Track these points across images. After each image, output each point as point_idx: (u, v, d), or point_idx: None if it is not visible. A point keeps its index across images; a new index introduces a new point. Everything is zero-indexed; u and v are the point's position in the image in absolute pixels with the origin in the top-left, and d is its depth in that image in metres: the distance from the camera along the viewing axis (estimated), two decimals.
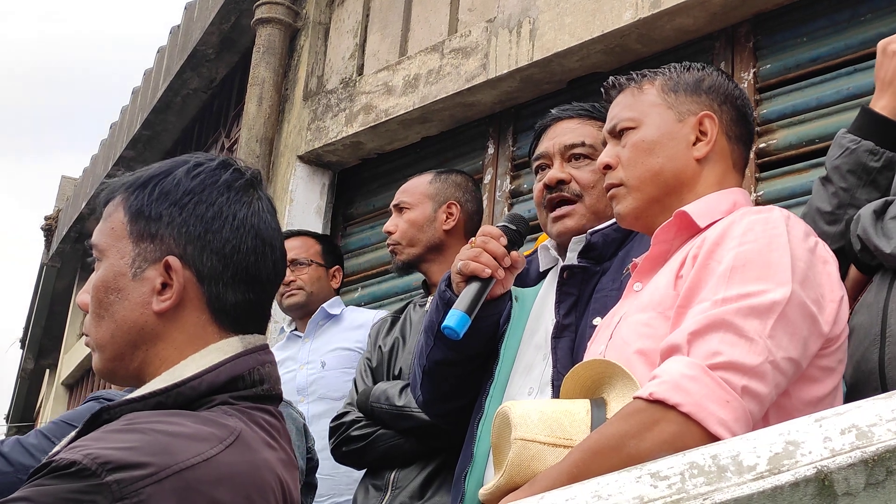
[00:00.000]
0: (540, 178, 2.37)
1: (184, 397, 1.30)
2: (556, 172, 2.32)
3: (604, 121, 2.32)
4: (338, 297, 3.85)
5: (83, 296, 1.41)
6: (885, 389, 1.77)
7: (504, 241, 2.19)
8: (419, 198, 3.10)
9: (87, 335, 1.40)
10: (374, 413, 2.83)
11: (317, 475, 3.14)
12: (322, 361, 3.59)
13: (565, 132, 2.36)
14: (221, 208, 1.38)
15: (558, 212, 2.30)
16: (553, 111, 2.44)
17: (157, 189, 1.38)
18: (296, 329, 3.82)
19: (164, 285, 1.35)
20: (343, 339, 3.61)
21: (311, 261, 3.77)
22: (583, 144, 2.32)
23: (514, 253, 2.21)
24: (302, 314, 3.77)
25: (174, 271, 1.35)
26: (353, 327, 3.64)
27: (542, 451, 1.62)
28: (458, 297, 2.15)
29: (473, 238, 2.22)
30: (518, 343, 2.27)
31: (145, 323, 1.35)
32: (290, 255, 3.66)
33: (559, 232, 2.31)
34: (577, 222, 2.28)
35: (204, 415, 1.28)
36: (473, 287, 2.14)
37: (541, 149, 2.39)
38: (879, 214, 1.91)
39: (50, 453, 1.21)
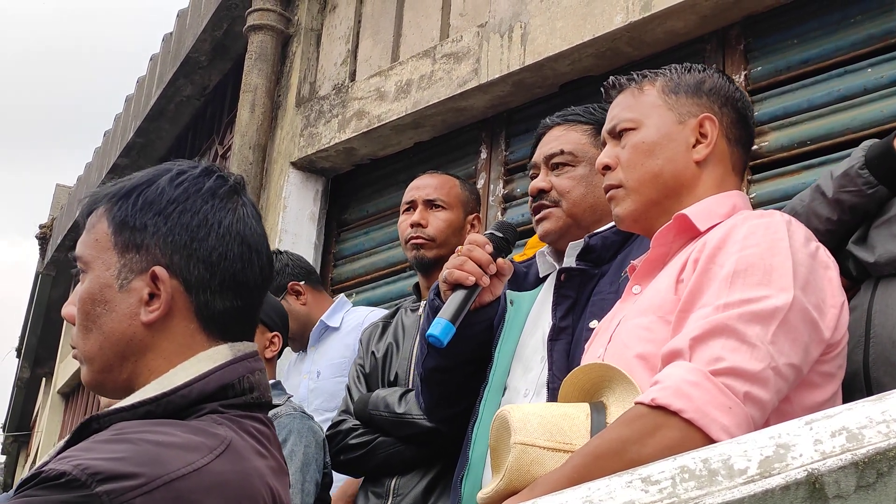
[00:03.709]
0: None
1: (173, 406, 1.29)
2: (537, 182, 2.37)
3: (592, 124, 2.34)
4: (338, 301, 3.70)
5: (69, 308, 1.40)
6: (869, 390, 1.77)
7: (489, 248, 2.23)
8: (455, 201, 3.06)
9: (74, 347, 1.40)
10: (374, 420, 2.81)
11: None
12: (317, 371, 3.57)
13: (550, 141, 2.40)
14: (206, 216, 1.37)
15: (539, 215, 2.35)
16: (546, 120, 2.47)
17: (140, 199, 1.37)
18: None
19: (152, 296, 1.34)
20: (340, 346, 3.58)
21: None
22: (561, 153, 2.35)
23: (500, 260, 2.24)
24: (301, 346, 3.70)
25: (161, 281, 1.34)
26: (347, 332, 3.61)
27: (542, 455, 1.61)
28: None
29: (460, 246, 2.24)
30: (513, 346, 2.28)
31: (134, 334, 1.34)
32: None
33: (541, 235, 2.36)
34: (555, 224, 2.32)
35: (194, 424, 1.27)
36: (458, 295, 2.17)
37: (533, 158, 2.44)
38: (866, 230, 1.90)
39: (38, 464, 1.20)
